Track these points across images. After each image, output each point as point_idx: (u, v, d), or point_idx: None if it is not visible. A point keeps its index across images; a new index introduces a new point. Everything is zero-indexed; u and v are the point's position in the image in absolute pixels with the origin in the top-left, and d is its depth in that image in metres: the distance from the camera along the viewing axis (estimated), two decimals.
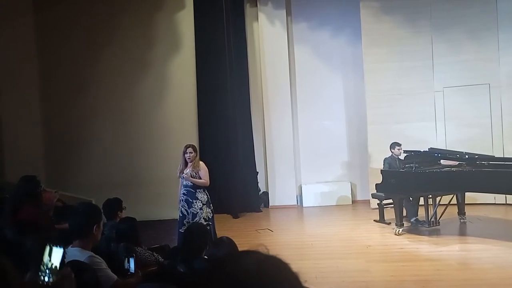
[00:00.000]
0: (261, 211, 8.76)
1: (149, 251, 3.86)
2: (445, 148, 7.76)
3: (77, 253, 2.69)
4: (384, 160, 6.99)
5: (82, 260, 2.54)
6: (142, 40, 8.81)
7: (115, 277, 2.79)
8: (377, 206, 7.20)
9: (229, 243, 3.01)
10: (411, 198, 6.68)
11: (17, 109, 8.22)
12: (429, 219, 6.36)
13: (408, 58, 8.30)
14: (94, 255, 2.76)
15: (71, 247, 2.77)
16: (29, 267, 2.40)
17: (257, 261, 0.85)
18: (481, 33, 8.11)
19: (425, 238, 6.21)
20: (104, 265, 2.76)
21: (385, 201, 7.03)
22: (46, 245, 1.89)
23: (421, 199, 6.58)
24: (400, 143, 6.99)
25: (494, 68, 8.07)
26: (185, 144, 5.67)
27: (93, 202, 5.88)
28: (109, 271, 2.77)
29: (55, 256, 1.98)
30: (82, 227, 2.79)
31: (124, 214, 4.57)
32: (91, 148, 8.74)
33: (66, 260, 2.58)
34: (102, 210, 3.80)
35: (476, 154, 6.35)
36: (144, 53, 8.80)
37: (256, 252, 0.88)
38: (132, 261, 3.02)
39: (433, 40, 8.28)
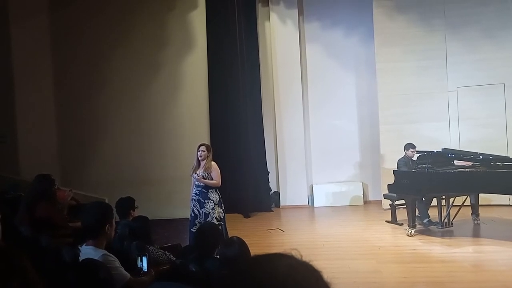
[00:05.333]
0: (272, 211, 8.76)
1: (161, 250, 3.89)
2: (458, 149, 7.67)
3: (91, 252, 2.72)
4: (398, 161, 6.93)
5: (96, 258, 2.57)
6: (154, 40, 8.87)
7: (129, 275, 2.82)
8: (389, 207, 7.15)
9: (240, 243, 3.02)
10: (423, 199, 6.62)
11: (32, 108, 8.35)
12: (442, 220, 6.30)
13: (421, 58, 8.22)
14: (108, 253, 2.80)
15: (85, 245, 2.81)
16: (44, 264, 2.44)
17: (289, 265, 0.82)
18: (496, 32, 8.00)
19: (438, 239, 6.15)
20: (117, 263, 2.79)
21: (397, 202, 6.98)
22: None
23: (434, 200, 6.51)
24: (415, 145, 6.92)
25: (509, 67, 7.95)
26: (200, 143, 5.71)
27: (106, 201, 5.95)
28: (123, 270, 2.80)
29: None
30: (94, 226, 2.83)
31: (136, 213, 4.61)
32: (105, 147, 8.83)
33: (81, 258, 2.63)
34: (115, 209, 3.84)
35: (491, 155, 6.26)
36: (156, 52, 8.86)
37: (289, 257, 0.85)
38: (145, 259, 3.05)
39: (447, 39, 8.19)
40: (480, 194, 6.67)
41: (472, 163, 6.37)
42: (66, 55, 8.80)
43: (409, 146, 6.94)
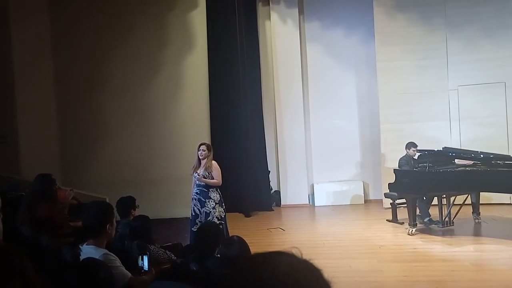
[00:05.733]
0: (273, 210, 8.76)
1: (162, 249, 3.90)
2: (459, 148, 7.66)
3: (92, 251, 2.73)
4: (400, 160, 6.92)
5: (97, 257, 2.57)
6: (155, 40, 8.87)
7: (130, 274, 2.82)
8: (390, 206, 7.15)
9: (240, 242, 3.01)
10: (424, 198, 6.61)
11: (33, 108, 8.34)
12: (443, 219, 6.30)
13: (422, 57, 8.21)
14: (109, 252, 2.80)
15: (86, 244, 2.81)
16: (44, 264, 2.45)
17: (289, 264, 0.82)
18: (497, 31, 7.99)
19: (439, 238, 6.15)
20: (118, 262, 2.80)
21: (398, 201, 6.97)
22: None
23: (435, 199, 6.51)
24: (416, 144, 6.91)
25: (510, 66, 7.94)
26: (200, 142, 5.72)
27: (107, 200, 5.95)
28: (124, 269, 2.81)
29: None
30: (95, 226, 2.83)
31: (137, 212, 4.62)
32: (105, 146, 8.83)
33: (81, 258, 2.63)
34: (116, 208, 3.84)
35: (491, 154, 6.26)
36: (157, 52, 8.86)
37: (289, 255, 0.85)
38: (145, 258, 3.05)
39: (448, 38, 8.18)
40: (480, 193, 6.66)
41: (473, 162, 6.37)
42: (66, 55, 8.80)
43: (410, 145, 6.94)
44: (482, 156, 6.26)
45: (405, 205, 6.60)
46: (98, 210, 2.89)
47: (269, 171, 9.02)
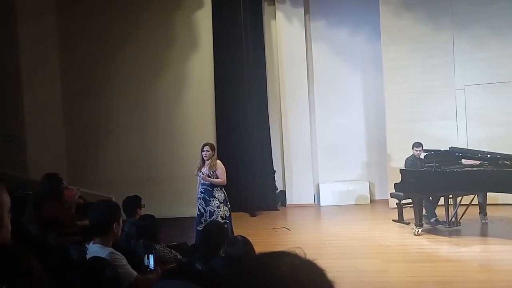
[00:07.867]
0: (278, 210, 8.75)
1: (168, 248, 3.91)
2: (466, 147, 7.61)
3: (98, 250, 2.74)
4: (406, 160, 6.89)
5: (103, 256, 2.59)
6: (160, 39, 8.90)
7: (135, 273, 2.83)
8: (396, 206, 7.12)
9: (244, 242, 3.01)
10: (430, 198, 6.58)
11: (40, 108, 8.40)
12: (450, 219, 6.26)
13: (428, 56, 8.17)
14: (115, 251, 2.81)
15: (92, 243, 2.83)
16: (51, 262, 2.46)
17: (292, 264, 0.82)
18: (504, 29, 7.93)
19: (445, 238, 6.11)
20: (124, 261, 2.81)
21: (404, 201, 6.94)
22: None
23: (442, 199, 6.47)
24: (421, 143, 6.89)
25: None
26: (203, 143, 5.72)
27: (113, 199, 5.98)
28: (130, 268, 2.82)
29: None
30: (102, 224, 2.84)
31: (143, 211, 4.63)
32: (112, 146, 8.88)
33: (88, 256, 2.65)
34: (121, 208, 3.86)
35: (498, 154, 6.21)
36: (162, 51, 8.89)
37: (292, 255, 0.85)
38: (151, 257, 3.06)
39: (455, 37, 8.13)
40: (487, 193, 6.61)
41: (479, 162, 6.32)
42: (73, 54, 8.85)
43: (414, 145, 6.92)
44: (489, 156, 6.21)
45: (411, 205, 6.57)
46: (105, 209, 2.90)
47: (275, 171, 9.01)
